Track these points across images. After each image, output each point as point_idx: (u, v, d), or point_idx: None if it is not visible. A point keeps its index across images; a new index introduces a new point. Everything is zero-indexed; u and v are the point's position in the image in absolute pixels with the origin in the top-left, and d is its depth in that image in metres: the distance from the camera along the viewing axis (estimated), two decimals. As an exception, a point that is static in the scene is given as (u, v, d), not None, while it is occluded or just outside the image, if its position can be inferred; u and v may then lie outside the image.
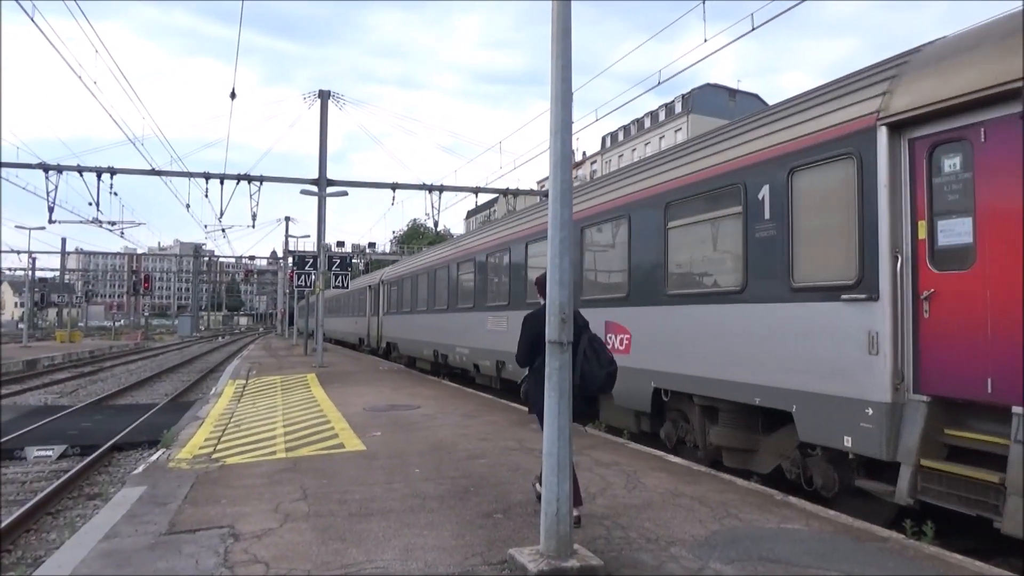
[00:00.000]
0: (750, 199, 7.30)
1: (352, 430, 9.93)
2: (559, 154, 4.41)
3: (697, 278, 8.50)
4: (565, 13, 4.41)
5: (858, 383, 5.93)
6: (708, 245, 8.28)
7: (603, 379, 5.22)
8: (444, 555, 4.68)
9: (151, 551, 4.83)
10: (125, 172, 24.18)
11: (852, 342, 6.00)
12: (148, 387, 21.67)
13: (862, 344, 5.91)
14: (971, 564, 4.71)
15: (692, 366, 8.09)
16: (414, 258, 25.43)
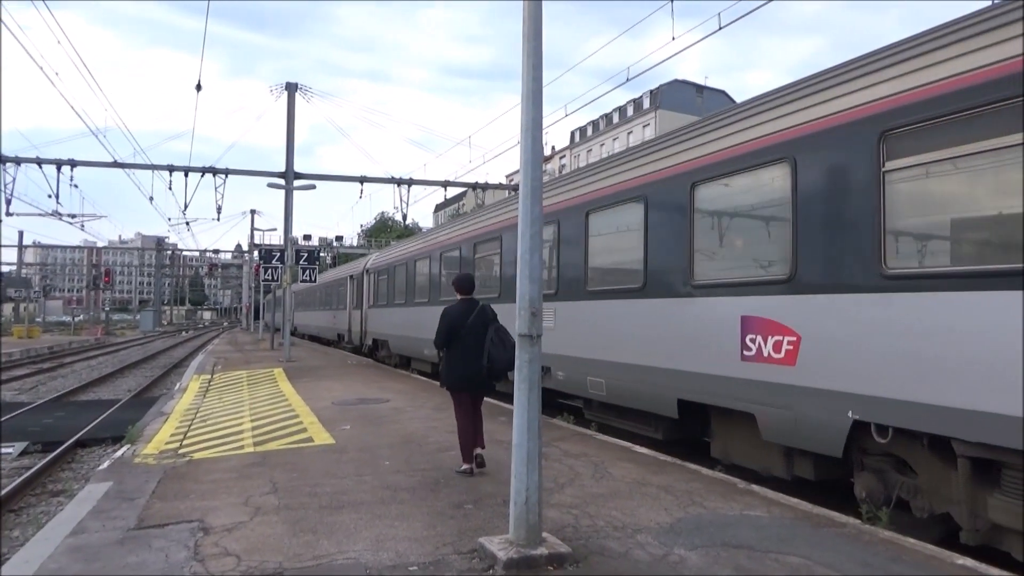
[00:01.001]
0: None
1: (321, 424, 9.93)
2: (530, 152, 4.49)
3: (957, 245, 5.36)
4: (536, 14, 4.49)
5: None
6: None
7: (506, 361, 6.51)
8: (415, 545, 4.75)
9: (120, 546, 4.82)
10: (86, 164, 23.72)
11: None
12: (110, 383, 21.30)
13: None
14: (923, 547, 4.92)
15: (946, 390, 4.98)
16: (410, 241, 21.13)
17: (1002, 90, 4.74)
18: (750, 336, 6.70)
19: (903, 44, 5.68)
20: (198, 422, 10.53)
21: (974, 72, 4.98)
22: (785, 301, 6.37)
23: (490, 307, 7.15)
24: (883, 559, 4.62)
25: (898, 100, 5.48)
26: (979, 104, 4.91)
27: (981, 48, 4.98)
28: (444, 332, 7.01)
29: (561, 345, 10.16)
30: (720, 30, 9.94)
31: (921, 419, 5.16)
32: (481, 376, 6.83)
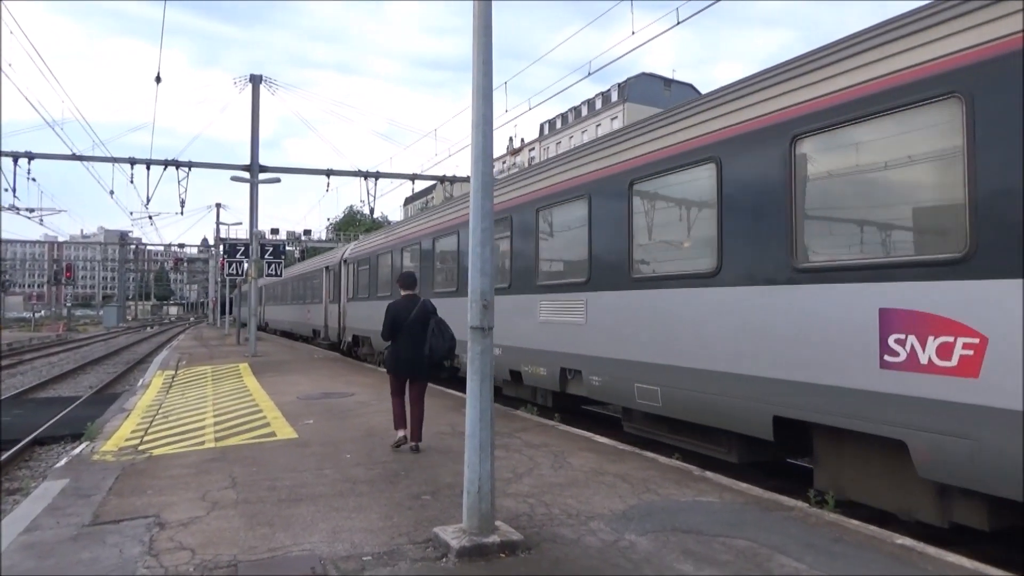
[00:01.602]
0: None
1: (285, 419, 9.91)
2: (480, 148, 4.55)
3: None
4: (486, 11, 4.54)
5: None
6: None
7: (445, 350, 7.52)
8: (371, 536, 4.81)
9: (74, 542, 4.81)
10: (44, 157, 23.22)
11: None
12: (71, 380, 20.95)
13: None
14: (865, 528, 5.10)
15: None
16: (394, 228, 19.42)
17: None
18: (896, 336, 5.11)
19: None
20: (160, 418, 10.44)
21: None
22: (962, 290, 4.69)
23: (430, 302, 7.89)
24: (826, 540, 4.79)
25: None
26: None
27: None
28: (389, 325, 7.74)
29: (596, 345, 8.70)
30: (679, 24, 10.07)
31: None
32: (423, 363, 7.60)
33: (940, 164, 5.03)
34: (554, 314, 9.72)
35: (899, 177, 5.37)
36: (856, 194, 5.67)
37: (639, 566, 4.26)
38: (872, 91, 5.42)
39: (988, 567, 4.36)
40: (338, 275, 24.03)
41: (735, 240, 6.61)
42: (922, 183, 5.23)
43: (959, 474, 4.73)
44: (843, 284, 5.53)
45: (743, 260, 6.51)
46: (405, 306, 7.74)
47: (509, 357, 10.96)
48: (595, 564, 4.29)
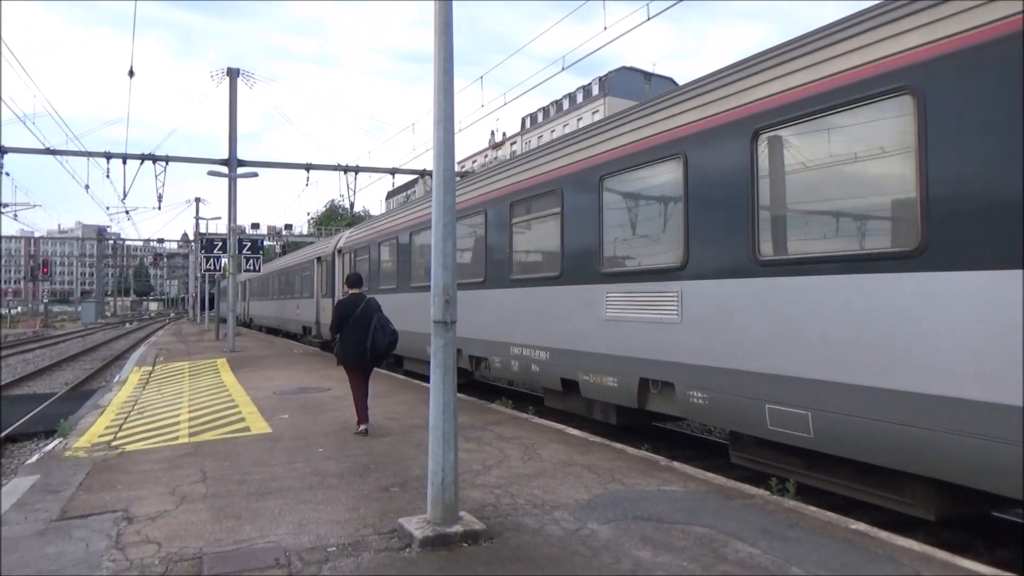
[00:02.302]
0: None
1: (260, 413, 9.93)
2: (442, 143, 4.62)
3: None
4: (446, 10, 4.60)
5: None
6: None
7: (386, 344, 8.38)
8: (336, 528, 4.88)
9: (40, 537, 4.83)
10: (16, 151, 22.99)
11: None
12: (47, 376, 20.77)
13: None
14: (822, 514, 5.24)
15: None
16: (402, 210, 16.59)
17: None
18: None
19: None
20: (135, 414, 10.42)
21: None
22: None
23: (375, 300, 8.65)
24: (783, 526, 4.92)
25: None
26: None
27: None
28: (337, 320, 8.56)
29: (700, 350, 6.73)
30: (649, 20, 10.17)
31: None
32: (366, 355, 8.40)
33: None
34: (628, 309, 7.72)
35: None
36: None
37: (598, 553, 4.36)
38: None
39: (936, 550, 4.50)
40: (332, 266, 21.99)
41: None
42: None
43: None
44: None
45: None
46: (353, 303, 8.51)
47: (560, 362, 9.00)
48: (555, 552, 4.39)
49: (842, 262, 5.42)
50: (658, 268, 7.39)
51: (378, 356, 8.51)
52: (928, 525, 6.31)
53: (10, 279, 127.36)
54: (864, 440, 5.21)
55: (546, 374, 9.38)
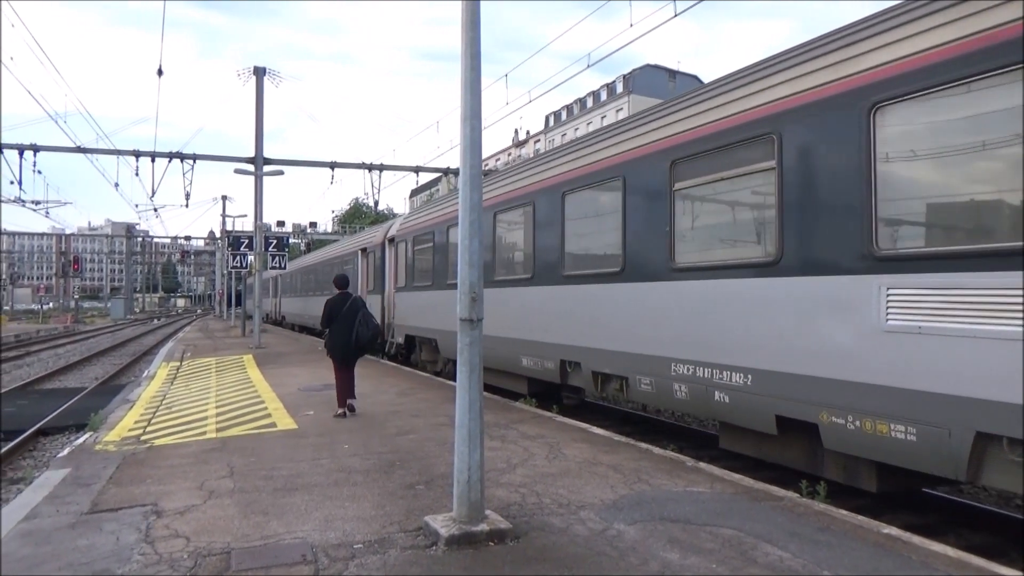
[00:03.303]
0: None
1: (285, 410, 10.01)
2: (469, 140, 4.60)
3: None
4: (473, 8, 4.58)
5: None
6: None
7: (369, 337, 9.47)
8: (362, 524, 4.89)
9: (72, 530, 4.90)
10: (49, 149, 23.38)
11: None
12: (77, 371, 21.13)
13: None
14: (853, 518, 5.15)
15: None
16: (500, 176, 12.14)
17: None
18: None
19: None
20: (163, 409, 10.56)
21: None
22: None
23: (360, 298, 9.74)
24: (812, 529, 4.84)
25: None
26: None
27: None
28: (326, 317, 9.59)
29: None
30: (676, 17, 10.07)
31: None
32: (351, 348, 9.45)
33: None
34: (922, 314, 4.96)
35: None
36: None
37: (624, 554, 4.33)
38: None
39: (971, 556, 4.40)
40: (380, 259, 19.26)
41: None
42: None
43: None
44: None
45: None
46: (340, 301, 9.58)
47: (777, 392, 6.18)
48: (581, 552, 4.36)
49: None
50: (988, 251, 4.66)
51: (361, 347, 9.59)
52: (958, 529, 6.20)
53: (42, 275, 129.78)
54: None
55: (745, 408, 6.52)
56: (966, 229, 4.94)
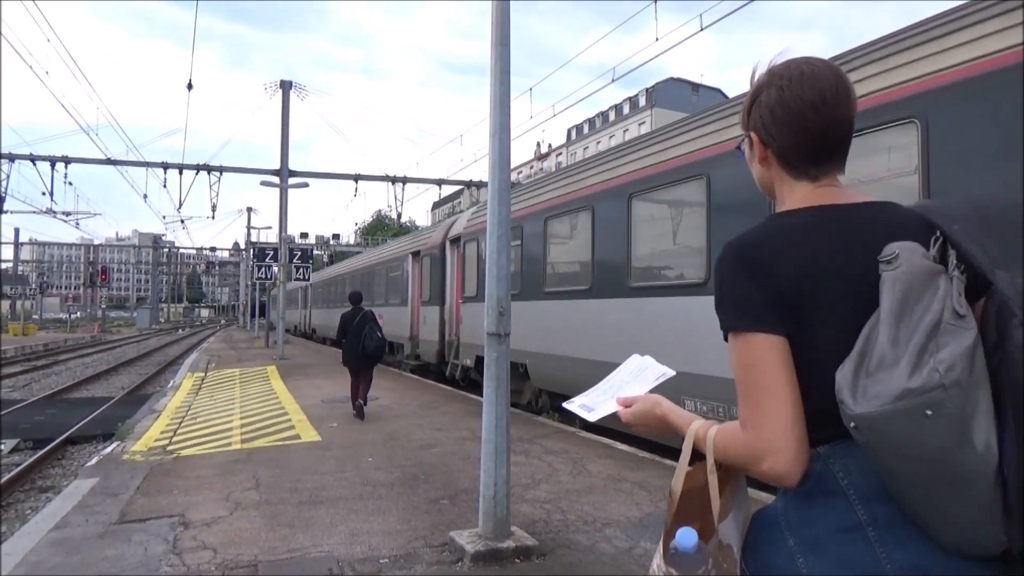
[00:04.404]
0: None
1: (309, 421, 10.05)
2: (497, 154, 4.62)
3: None
4: (504, 20, 4.61)
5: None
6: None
7: (373, 348, 10.46)
8: (388, 539, 4.88)
9: (100, 539, 4.94)
10: (80, 161, 23.85)
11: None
12: (104, 380, 21.39)
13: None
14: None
15: None
16: (581, 168, 10.46)
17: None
18: None
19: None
20: (188, 419, 10.65)
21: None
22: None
23: (371, 312, 10.83)
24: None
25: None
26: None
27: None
28: (340, 330, 10.78)
29: None
30: (702, 31, 10.07)
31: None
32: (358, 357, 10.48)
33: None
34: None
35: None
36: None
37: (652, 574, 4.27)
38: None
39: None
40: (439, 263, 16.24)
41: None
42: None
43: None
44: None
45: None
46: (352, 316, 10.68)
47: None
48: (607, 571, 4.31)
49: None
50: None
51: (368, 357, 10.53)
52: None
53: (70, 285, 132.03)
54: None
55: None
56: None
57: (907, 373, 1.04)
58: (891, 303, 1.10)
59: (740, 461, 1.24)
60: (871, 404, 1.05)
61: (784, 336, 1.20)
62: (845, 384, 1.10)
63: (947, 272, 1.12)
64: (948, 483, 1.05)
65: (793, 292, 1.21)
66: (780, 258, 1.23)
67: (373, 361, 10.75)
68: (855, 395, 1.08)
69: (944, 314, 1.07)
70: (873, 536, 1.14)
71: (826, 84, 1.29)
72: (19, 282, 73.82)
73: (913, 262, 1.12)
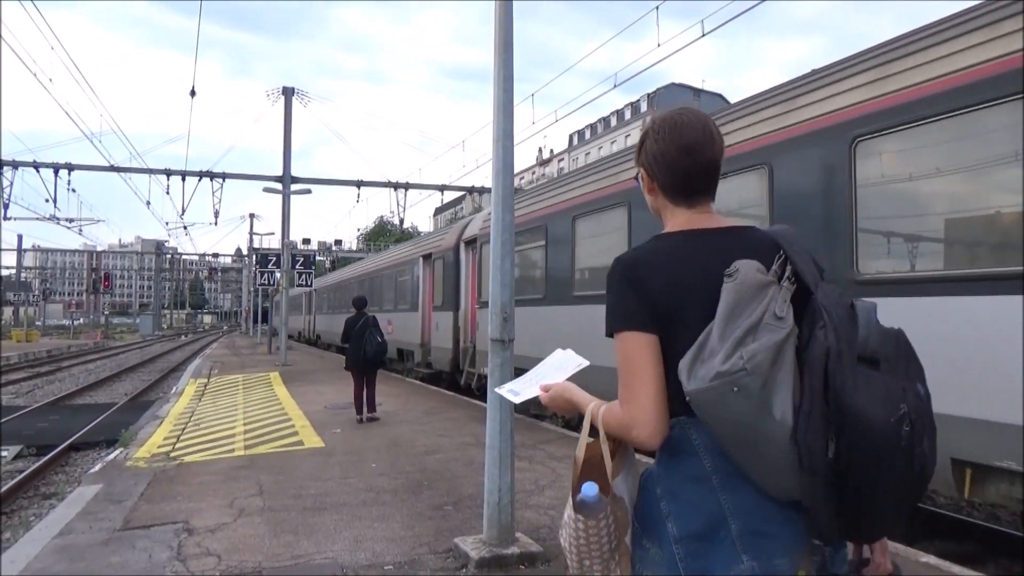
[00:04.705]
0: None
1: (312, 427, 10.05)
2: (501, 161, 4.62)
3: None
4: (507, 26, 4.62)
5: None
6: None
7: (373, 352, 10.73)
8: (392, 545, 4.87)
9: (105, 546, 4.94)
10: (83, 168, 23.89)
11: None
12: (107, 387, 21.41)
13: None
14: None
15: None
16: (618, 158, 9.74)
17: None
18: None
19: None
20: (192, 426, 10.65)
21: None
22: None
23: (373, 317, 11.03)
24: (849, 558, 4.73)
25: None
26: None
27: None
28: (344, 334, 11.02)
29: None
30: (703, 37, 10.08)
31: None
32: (362, 361, 10.70)
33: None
34: None
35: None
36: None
37: (658, 580, 4.25)
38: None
39: (951, 565, 4.29)
40: (453, 266, 15.28)
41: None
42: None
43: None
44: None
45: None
46: (355, 320, 10.89)
47: None
48: (613, 577, 4.29)
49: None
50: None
51: (369, 360, 10.78)
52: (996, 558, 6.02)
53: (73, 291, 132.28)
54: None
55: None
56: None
57: (722, 360, 1.36)
58: (724, 308, 1.43)
59: (618, 431, 1.57)
60: (697, 383, 1.39)
61: (655, 335, 1.53)
62: (684, 369, 1.44)
63: (779, 283, 1.46)
64: (754, 443, 1.39)
65: (663, 301, 1.54)
66: (654, 274, 1.56)
67: (374, 365, 10.98)
68: (689, 377, 1.42)
69: (764, 316, 1.40)
70: (716, 483, 1.47)
71: (694, 134, 1.63)
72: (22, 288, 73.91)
73: (748, 276, 1.45)
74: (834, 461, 1.35)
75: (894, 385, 1.39)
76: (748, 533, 1.44)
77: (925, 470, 1.41)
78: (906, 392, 1.39)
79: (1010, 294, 4.27)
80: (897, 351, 1.45)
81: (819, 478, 1.36)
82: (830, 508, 1.39)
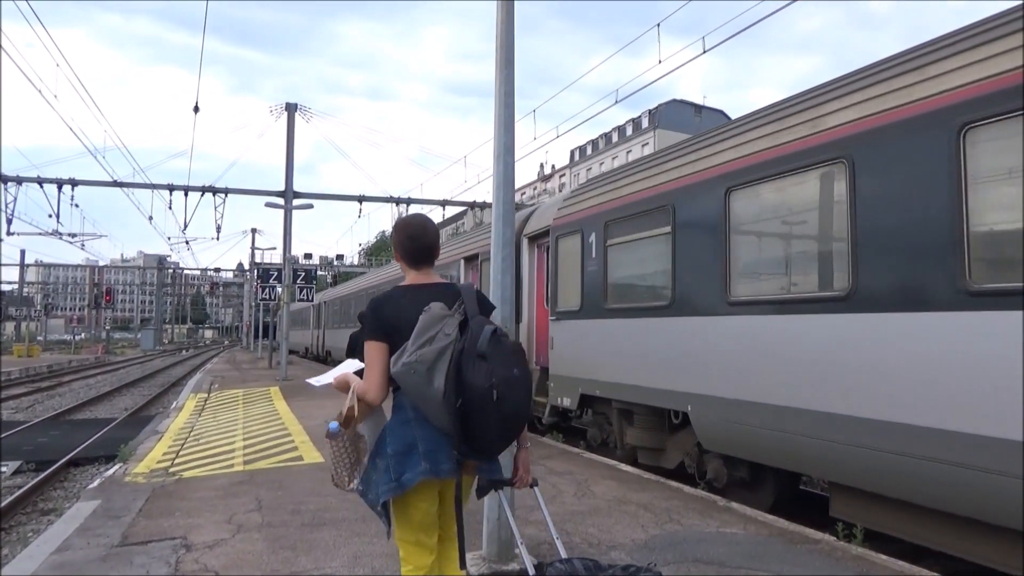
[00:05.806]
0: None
1: (312, 443, 10.01)
2: (502, 176, 4.64)
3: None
4: (508, 46, 4.65)
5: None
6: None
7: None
8: (391, 561, 4.83)
9: (103, 562, 4.91)
10: (86, 184, 23.92)
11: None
12: (107, 401, 21.38)
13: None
14: (894, 563, 4.99)
15: None
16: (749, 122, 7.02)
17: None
18: None
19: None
20: (191, 441, 10.62)
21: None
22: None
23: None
24: (851, 574, 4.70)
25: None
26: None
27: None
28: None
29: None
30: (704, 53, 10.15)
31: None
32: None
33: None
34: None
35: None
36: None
37: (658, 597, 4.22)
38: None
39: (911, 566, 4.25)
40: (516, 264, 9.92)
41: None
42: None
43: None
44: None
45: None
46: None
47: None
48: (614, 594, 4.25)
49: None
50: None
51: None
52: None
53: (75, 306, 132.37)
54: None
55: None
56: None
57: (408, 356, 2.64)
58: (417, 328, 2.67)
59: (361, 396, 2.78)
60: (396, 368, 2.68)
61: (385, 343, 2.79)
62: (392, 361, 2.71)
63: (454, 316, 2.73)
64: (425, 400, 2.68)
65: (391, 323, 2.79)
66: (389, 307, 2.84)
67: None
68: (395, 364, 2.69)
69: (439, 333, 2.66)
70: (413, 424, 2.77)
71: (417, 229, 2.99)
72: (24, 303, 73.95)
73: (433, 310, 2.71)
74: (460, 409, 2.61)
75: (490, 369, 2.60)
76: (427, 451, 2.72)
77: (519, 416, 2.78)
78: (495, 372, 2.60)
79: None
80: (498, 351, 2.66)
81: (453, 418, 2.62)
82: (459, 435, 2.65)
